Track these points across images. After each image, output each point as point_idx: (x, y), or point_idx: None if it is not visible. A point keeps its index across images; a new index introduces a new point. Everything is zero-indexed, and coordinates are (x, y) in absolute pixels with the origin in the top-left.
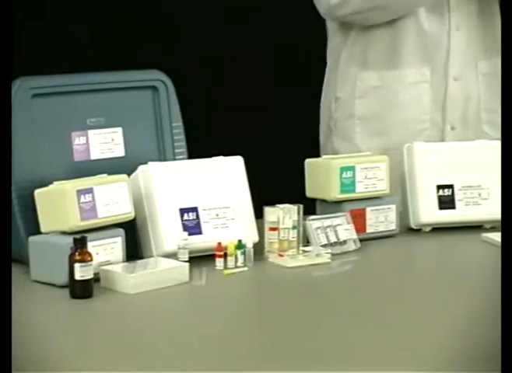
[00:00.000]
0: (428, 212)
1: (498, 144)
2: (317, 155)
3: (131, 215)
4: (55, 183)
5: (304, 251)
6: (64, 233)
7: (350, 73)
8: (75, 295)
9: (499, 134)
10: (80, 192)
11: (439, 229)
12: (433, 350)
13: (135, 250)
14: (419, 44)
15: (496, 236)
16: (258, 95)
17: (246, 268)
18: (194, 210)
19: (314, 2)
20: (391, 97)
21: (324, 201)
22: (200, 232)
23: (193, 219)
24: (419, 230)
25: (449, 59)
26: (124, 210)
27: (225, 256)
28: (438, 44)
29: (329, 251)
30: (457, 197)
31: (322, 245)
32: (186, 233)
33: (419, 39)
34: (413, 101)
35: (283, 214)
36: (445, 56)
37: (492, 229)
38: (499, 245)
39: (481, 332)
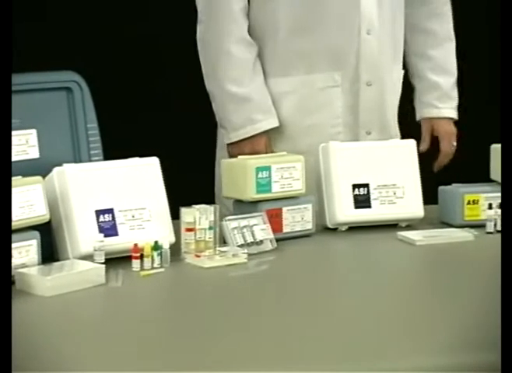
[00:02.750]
0: (344, 211)
1: (412, 142)
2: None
3: (47, 217)
4: None
5: (221, 251)
6: None
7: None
8: None
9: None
10: None
11: (355, 228)
12: (350, 351)
13: (50, 253)
14: (328, 49)
15: (411, 234)
16: (174, 96)
17: (162, 269)
18: (110, 211)
19: None
20: (302, 102)
21: (240, 201)
22: (116, 234)
23: (109, 221)
24: (335, 229)
25: (360, 64)
26: (39, 213)
27: (141, 257)
28: (348, 49)
29: (246, 251)
30: (372, 196)
31: (239, 246)
32: (102, 235)
33: (329, 43)
34: (325, 106)
35: (199, 215)
36: (355, 61)
37: (408, 227)
38: (414, 243)
39: (398, 330)
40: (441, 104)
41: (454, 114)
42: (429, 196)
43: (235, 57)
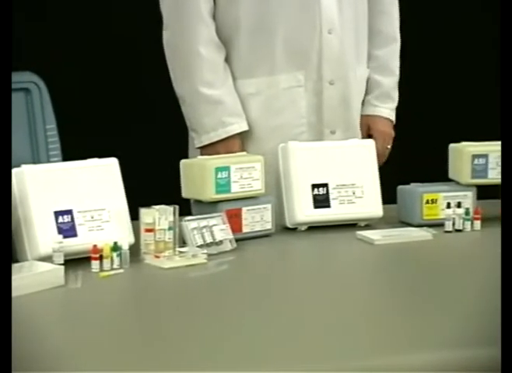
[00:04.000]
0: (303, 211)
1: (371, 142)
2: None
3: None
4: None
5: (180, 252)
6: None
7: None
8: None
9: None
10: None
11: (314, 228)
12: (308, 351)
13: None
14: (290, 49)
15: (370, 234)
16: (133, 96)
17: (122, 270)
18: (69, 212)
19: None
20: (266, 103)
21: (199, 202)
22: (75, 235)
23: (68, 222)
24: (294, 229)
25: (322, 63)
26: None
27: (100, 258)
28: (310, 48)
29: (205, 251)
30: (331, 196)
31: (198, 246)
32: (61, 236)
33: (290, 44)
34: (289, 106)
35: (159, 215)
36: (318, 60)
37: (367, 227)
38: (373, 242)
39: (357, 329)
40: (379, 103)
41: (390, 115)
42: (388, 195)
43: (206, 59)
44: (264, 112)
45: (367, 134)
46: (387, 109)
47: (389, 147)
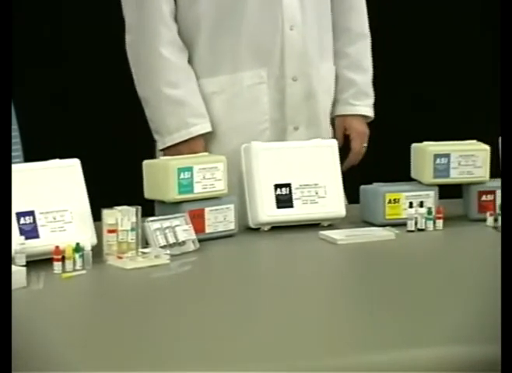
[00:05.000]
0: (266, 211)
1: (334, 142)
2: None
3: None
4: None
5: (143, 252)
6: None
7: None
8: None
9: None
10: None
11: (277, 228)
12: (267, 351)
13: None
14: (252, 46)
15: (333, 233)
16: (94, 97)
17: (84, 271)
18: (31, 213)
19: None
20: (230, 101)
21: (162, 202)
22: (37, 236)
23: (30, 223)
24: (257, 229)
25: (284, 59)
26: None
27: (63, 259)
28: (272, 45)
29: (168, 252)
30: (294, 196)
31: (161, 247)
32: (23, 237)
33: (252, 41)
34: (252, 103)
35: (121, 216)
36: (280, 56)
37: (330, 227)
38: (336, 242)
39: (319, 329)
40: (356, 101)
41: (369, 112)
42: (351, 195)
43: (168, 60)
44: (227, 110)
45: (344, 134)
46: (365, 107)
47: (365, 145)
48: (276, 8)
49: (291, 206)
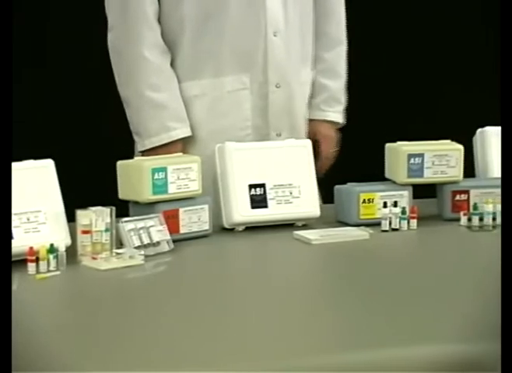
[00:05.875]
0: (240, 211)
1: (308, 143)
2: (131, 157)
3: None
4: None
5: (117, 253)
6: None
7: None
8: None
9: None
10: None
11: (252, 228)
12: (247, 348)
13: None
14: (235, 51)
15: (307, 233)
16: (68, 96)
17: (58, 272)
18: None
19: None
20: (212, 106)
21: (136, 203)
22: (11, 237)
23: None
24: (232, 229)
25: (267, 65)
26: None
27: (37, 260)
28: (255, 50)
29: (142, 253)
30: (268, 196)
31: (135, 247)
32: None
33: (235, 45)
34: (233, 108)
35: (96, 217)
36: (263, 63)
37: (304, 227)
38: (310, 242)
39: (294, 329)
40: (327, 107)
41: (339, 118)
42: (325, 195)
43: (151, 62)
44: (208, 114)
45: (313, 139)
46: (334, 113)
47: (334, 150)
48: (260, 13)
49: (265, 206)
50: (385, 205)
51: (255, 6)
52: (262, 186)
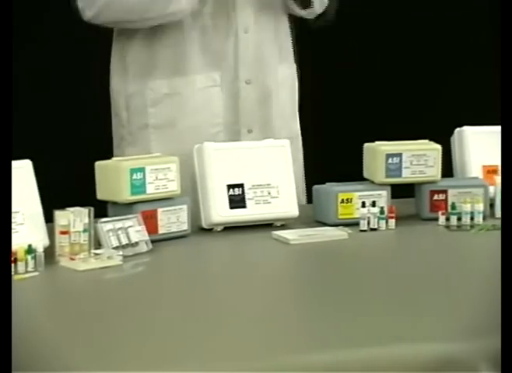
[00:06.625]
0: (219, 212)
1: (286, 143)
2: (109, 157)
3: None
4: None
5: (96, 254)
6: None
7: (139, 81)
8: None
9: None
10: None
11: (230, 228)
12: (226, 348)
13: None
14: (205, 49)
15: (286, 233)
16: (46, 97)
17: (37, 273)
18: None
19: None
20: (182, 104)
21: (115, 203)
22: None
23: None
24: (210, 229)
25: (238, 62)
26: None
27: (15, 261)
28: (225, 48)
29: (121, 253)
30: (247, 196)
31: (114, 248)
32: None
33: (205, 43)
34: (205, 106)
35: (74, 217)
36: (233, 59)
37: (283, 227)
38: (289, 242)
39: (273, 328)
40: None
41: None
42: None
43: None
44: (180, 112)
45: None
46: None
47: None
48: (230, 11)
49: (244, 206)
50: (363, 205)
51: (225, 4)
52: (241, 186)
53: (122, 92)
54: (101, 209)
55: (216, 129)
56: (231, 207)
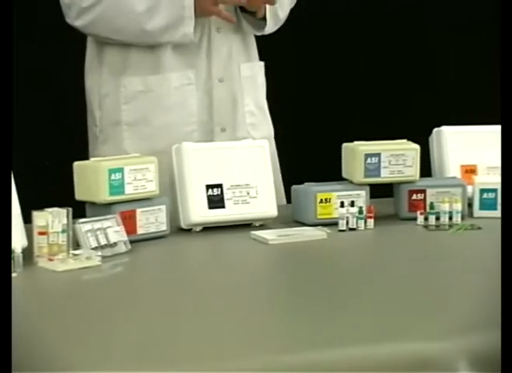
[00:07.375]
0: (198, 212)
1: (265, 143)
2: (88, 158)
3: None
4: None
5: (74, 254)
6: None
7: (113, 79)
8: None
9: (262, 136)
10: None
11: (209, 228)
12: (206, 348)
13: None
14: (179, 47)
15: (264, 233)
16: (25, 96)
17: (15, 274)
18: None
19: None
20: (156, 101)
21: (93, 204)
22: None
23: None
24: (189, 230)
25: (211, 61)
26: None
27: None
28: (199, 46)
29: (99, 254)
30: (226, 196)
31: (92, 248)
32: None
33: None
34: (179, 104)
35: (52, 218)
36: (207, 58)
37: (261, 227)
38: (267, 242)
39: (252, 329)
40: None
41: None
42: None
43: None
44: (155, 110)
45: None
46: None
47: None
48: None
49: (223, 206)
50: (342, 205)
51: None
52: (219, 186)
53: (96, 90)
54: (79, 209)
55: (191, 127)
56: (210, 208)
